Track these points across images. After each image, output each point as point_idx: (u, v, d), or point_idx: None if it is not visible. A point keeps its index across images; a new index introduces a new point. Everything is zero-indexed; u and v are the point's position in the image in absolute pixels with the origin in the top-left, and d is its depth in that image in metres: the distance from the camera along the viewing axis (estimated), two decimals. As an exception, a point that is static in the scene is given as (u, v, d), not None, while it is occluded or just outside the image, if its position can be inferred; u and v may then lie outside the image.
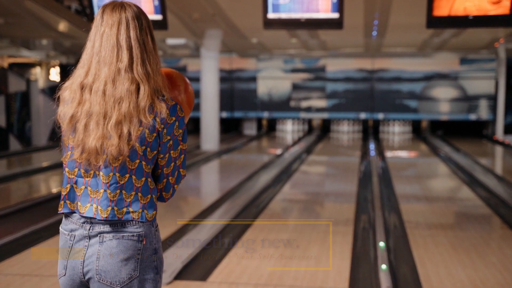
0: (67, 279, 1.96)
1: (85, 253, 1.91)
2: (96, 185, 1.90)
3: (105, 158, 1.84)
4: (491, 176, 10.19)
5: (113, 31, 1.85)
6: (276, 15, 6.05)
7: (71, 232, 1.94)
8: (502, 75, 17.59)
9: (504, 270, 4.93)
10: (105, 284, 1.89)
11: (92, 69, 1.86)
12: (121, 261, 1.89)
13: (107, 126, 1.82)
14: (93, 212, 1.89)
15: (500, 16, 5.77)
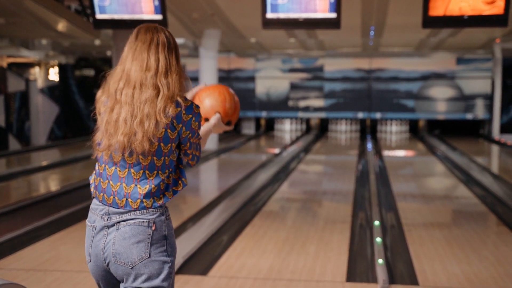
0: (93, 264, 2.23)
1: (105, 241, 2.17)
2: (117, 177, 2.18)
3: (135, 157, 2.14)
4: (487, 174, 10.29)
5: (145, 47, 2.15)
6: (274, 15, 6.14)
7: (93, 223, 2.22)
8: (498, 74, 17.70)
9: (498, 265, 5.03)
10: (119, 264, 2.15)
11: (123, 77, 2.17)
12: (132, 244, 2.14)
13: (133, 123, 2.11)
14: (122, 203, 2.17)
15: (494, 16, 5.87)
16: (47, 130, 17.27)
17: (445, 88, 18.27)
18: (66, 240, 5.80)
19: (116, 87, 2.19)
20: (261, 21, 6.21)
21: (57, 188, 9.04)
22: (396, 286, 4.47)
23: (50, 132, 17.44)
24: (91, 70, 19.03)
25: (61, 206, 7.38)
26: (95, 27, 6.88)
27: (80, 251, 5.37)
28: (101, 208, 2.20)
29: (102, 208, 2.20)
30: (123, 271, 2.16)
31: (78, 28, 10.08)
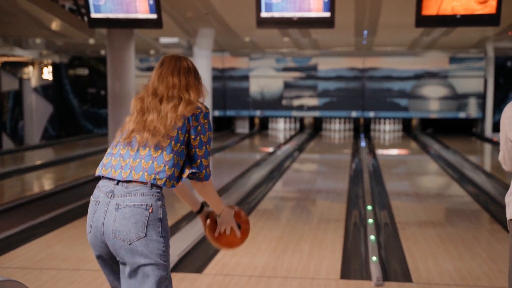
0: (92, 235, 2.53)
1: (104, 216, 2.47)
2: (128, 155, 2.54)
3: (148, 149, 2.52)
4: (480, 173, 10.35)
5: (169, 72, 2.64)
6: (269, 14, 6.17)
7: (97, 198, 2.53)
8: (491, 73, 17.79)
9: (491, 262, 5.08)
10: (118, 240, 2.44)
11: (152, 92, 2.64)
12: (131, 224, 2.43)
13: (157, 124, 2.53)
14: (126, 174, 2.50)
15: (486, 15, 5.92)
16: (41, 129, 17.24)
17: (438, 87, 18.35)
18: (61, 238, 5.81)
19: (147, 98, 2.65)
20: (255, 20, 6.24)
21: (51, 187, 9.04)
22: (389, 283, 4.51)
23: (44, 131, 17.42)
24: (85, 69, 19.01)
25: (55, 205, 7.39)
26: (90, 26, 6.90)
27: (75, 249, 5.40)
28: (108, 185, 2.51)
29: (108, 186, 2.51)
30: (120, 247, 2.43)
31: (72, 27, 10.08)
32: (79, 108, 19.36)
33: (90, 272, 4.75)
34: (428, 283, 4.54)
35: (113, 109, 9.37)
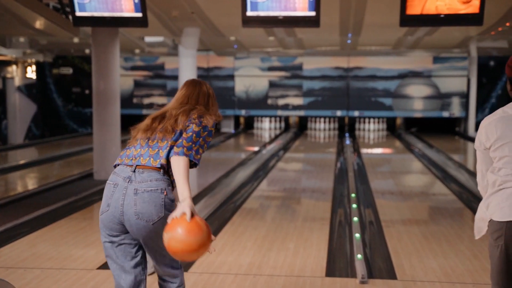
0: (109, 214, 2.90)
1: (123, 199, 2.86)
2: (147, 146, 2.96)
3: (160, 141, 2.94)
4: (463, 171, 10.44)
5: (190, 91, 3.13)
6: (254, 13, 6.18)
7: (115, 182, 2.91)
8: (474, 73, 17.94)
9: (474, 259, 5.13)
10: (142, 221, 2.84)
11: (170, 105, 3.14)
12: (152, 206, 2.85)
13: (171, 119, 3.00)
14: (145, 161, 2.91)
15: (470, 15, 5.98)
16: (25, 128, 17.11)
17: (422, 87, 18.47)
18: (46, 238, 5.78)
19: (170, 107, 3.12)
20: (241, 19, 6.25)
21: (35, 186, 8.99)
22: (374, 281, 4.54)
23: (28, 130, 17.29)
24: (69, 69, 18.89)
25: (39, 204, 7.34)
26: (75, 24, 6.86)
27: (59, 248, 5.37)
28: (125, 171, 2.91)
29: (126, 172, 2.91)
30: (144, 227, 2.85)
31: (56, 26, 10.01)
32: (63, 108, 19.24)
33: (75, 271, 4.74)
34: (412, 280, 4.58)
35: (97, 108, 9.32)
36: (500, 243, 2.70)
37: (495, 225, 2.72)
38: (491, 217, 2.74)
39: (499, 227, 2.70)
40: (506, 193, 2.70)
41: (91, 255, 5.19)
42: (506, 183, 2.70)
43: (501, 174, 2.73)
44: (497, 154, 2.76)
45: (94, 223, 6.71)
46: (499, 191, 2.73)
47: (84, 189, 8.42)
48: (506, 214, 2.67)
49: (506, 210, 2.68)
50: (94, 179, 9.36)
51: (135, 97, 19.25)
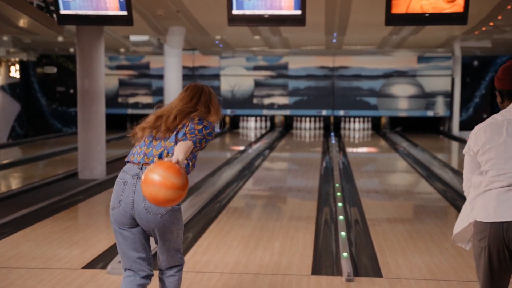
0: (121, 210, 3.12)
1: (133, 195, 3.08)
2: (151, 145, 3.15)
3: (163, 139, 3.14)
4: (448, 170, 10.51)
5: (193, 92, 3.29)
6: (240, 12, 6.17)
7: (124, 180, 3.13)
8: (458, 72, 18.08)
9: (459, 256, 5.17)
10: (151, 214, 3.07)
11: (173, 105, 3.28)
12: None
13: (175, 120, 3.17)
14: (150, 159, 3.11)
15: (454, 14, 6.01)
16: (8, 128, 16.96)
17: (406, 86, 18.57)
18: (30, 237, 5.73)
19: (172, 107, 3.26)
20: (226, 18, 6.24)
21: (19, 186, 8.91)
22: (360, 279, 4.56)
23: (11, 130, 17.14)
24: (53, 68, 18.75)
25: (23, 204, 7.28)
26: (59, 22, 6.80)
27: (43, 248, 5.33)
28: (133, 169, 3.13)
29: (134, 169, 3.12)
30: (153, 219, 3.08)
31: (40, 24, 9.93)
32: (47, 107, 19.11)
33: (59, 270, 4.70)
34: (398, 278, 4.60)
35: (82, 107, 9.26)
36: (484, 244, 2.71)
37: (479, 226, 2.74)
38: (476, 218, 2.75)
39: (483, 228, 2.71)
40: (493, 194, 2.71)
41: (75, 255, 5.15)
42: (493, 183, 2.72)
43: (488, 175, 2.76)
44: (484, 158, 2.81)
45: (79, 222, 6.67)
46: (486, 192, 2.74)
47: (68, 188, 8.37)
48: (490, 215, 2.69)
49: (490, 212, 2.69)
50: (78, 178, 9.30)
51: (120, 96, 19.16)
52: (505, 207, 2.66)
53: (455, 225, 2.93)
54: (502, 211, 2.66)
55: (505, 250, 2.68)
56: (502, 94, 2.92)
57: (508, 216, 2.65)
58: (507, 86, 2.88)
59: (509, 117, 2.82)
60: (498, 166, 2.74)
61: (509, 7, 8.86)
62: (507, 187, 2.69)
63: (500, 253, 2.69)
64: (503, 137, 2.77)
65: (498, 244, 2.67)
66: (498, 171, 2.73)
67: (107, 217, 7.05)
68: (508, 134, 2.77)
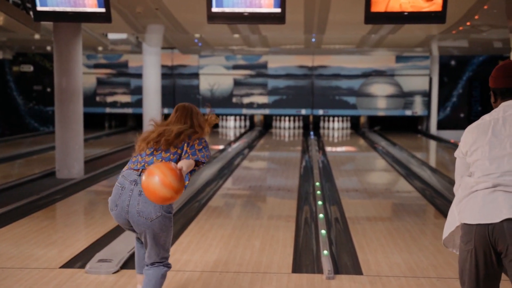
0: (117, 212, 3.47)
1: (129, 200, 3.40)
2: (151, 155, 3.54)
3: (164, 149, 3.55)
4: (426, 168, 10.59)
5: (184, 113, 3.76)
6: (219, 9, 6.14)
7: (122, 185, 3.47)
8: (436, 72, 18.24)
9: (438, 253, 5.20)
10: (142, 218, 3.40)
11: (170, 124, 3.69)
12: (152, 206, 3.38)
13: (178, 138, 3.60)
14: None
15: (433, 13, 6.05)
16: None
17: (385, 85, 18.68)
18: (6, 237, 5.64)
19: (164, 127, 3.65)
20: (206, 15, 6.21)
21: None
22: (340, 276, 4.56)
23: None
24: (30, 66, 18.52)
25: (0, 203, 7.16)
26: (36, 19, 6.71)
27: (21, 247, 5.25)
28: (132, 175, 3.46)
29: (132, 175, 3.46)
30: (143, 223, 3.40)
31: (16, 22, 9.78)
32: (24, 106, 18.88)
33: (37, 270, 4.63)
34: (378, 275, 4.61)
35: (59, 106, 9.15)
36: (470, 248, 2.65)
37: (465, 228, 2.69)
38: (461, 221, 2.71)
39: (469, 231, 2.66)
40: (478, 196, 2.67)
41: (53, 254, 5.08)
42: (478, 185, 2.69)
43: (474, 177, 2.73)
44: (471, 159, 2.79)
45: (56, 222, 6.59)
46: (471, 193, 2.71)
47: (46, 188, 8.26)
48: (476, 217, 2.63)
49: (476, 214, 2.64)
50: (56, 177, 9.19)
51: (98, 95, 18.99)
52: (490, 209, 2.61)
53: (444, 229, 2.89)
54: (487, 213, 2.61)
55: (492, 253, 2.62)
56: (495, 93, 2.87)
57: (493, 218, 2.59)
58: (500, 84, 2.83)
59: (496, 117, 2.78)
60: (483, 167, 2.70)
61: (485, 7, 8.94)
62: (492, 188, 2.64)
63: (487, 257, 2.62)
64: (488, 137, 2.73)
65: (484, 246, 2.62)
66: (483, 172, 2.69)
67: (85, 217, 6.98)
68: (493, 134, 2.73)
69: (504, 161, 2.67)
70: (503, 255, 2.60)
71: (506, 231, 2.56)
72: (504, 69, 2.84)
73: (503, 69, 2.84)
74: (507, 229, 2.56)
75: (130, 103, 18.97)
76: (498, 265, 2.64)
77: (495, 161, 2.69)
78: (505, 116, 2.76)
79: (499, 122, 2.76)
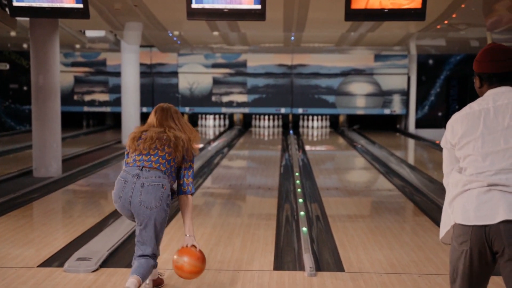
0: (121, 204, 3.81)
1: (132, 192, 3.76)
2: (148, 154, 3.88)
3: (158, 154, 3.88)
4: (405, 166, 10.64)
5: (165, 115, 3.99)
6: (199, 6, 6.09)
7: (125, 179, 3.80)
8: (414, 71, 18.36)
9: (418, 250, 5.21)
10: (143, 207, 3.75)
11: (153, 122, 4.02)
12: (152, 197, 3.76)
13: (165, 140, 3.95)
14: (149, 164, 3.85)
15: (413, 10, 6.06)
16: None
17: (364, 84, 18.75)
18: (-18, 237, 5.53)
19: (153, 128, 3.97)
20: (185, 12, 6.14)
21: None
22: (322, 273, 4.54)
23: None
24: (5, 64, 18.24)
25: (-25, 203, 7.03)
26: (12, 15, 6.59)
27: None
28: (134, 170, 3.80)
29: (135, 171, 3.80)
30: (144, 212, 3.75)
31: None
32: (0, 104, 18.60)
33: (14, 269, 4.55)
34: (359, 272, 4.60)
35: (36, 104, 9.02)
36: (465, 248, 2.55)
37: (460, 229, 2.58)
38: (456, 221, 2.59)
39: (464, 232, 2.55)
40: (472, 195, 2.56)
41: (31, 253, 4.99)
42: (472, 183, 2.57)
43: (467, 173, 2.60)
44: (462, 153, 2.65)
45: (34, 221, 6.48)
46: (464, 192, 2.59)
47: (23, 186, 8.13)
48: (471, 217, 2.52)
49: (471, 214, 2.53)
50: (33, 176, 9.06)
51: (76, 94, 18.79)
52: (486, 209, 2.50)
53: (440, 228, 2.77)
54: (483, 214, 2.50)
55: (488, 252, 2.53)
56: (481, 78, 2.71)
57: (490, 219, 2.48)
58: (487, 69, 2.68)
59: (487, 107, 2.62)
60: (476, 164, 2.57)
61: (463, 5, 9.00)
62: (487, 187, 2.52)
63: (482, 256, 2.54)
64: (480, 129, 2.58)
65: (480, 247, 2.52)
66: (477, 169, 2.56)
67: (63, 215, 6.88)
68: (485, 126, 2.58)
69: (498, 157, 2.54)
70: (499, 255, 2.51)
71: (503, 233, 2.47)
72: (490, 52, 2.70)
73: (489, 53, 2.71)
74: (504, 231, 2.47)
75: (109, 101, 18.80)
76: (492, 263, 2.56)
77: (489, 158, 2.55)
78: (496, 107, 2.60)
79: (490, 113, 2.61)
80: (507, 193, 2.50)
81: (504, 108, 2.60)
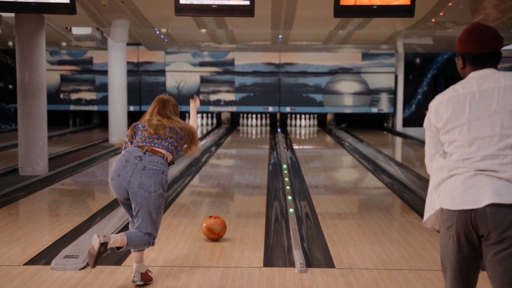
0: (117, 182, 3.92)
1: (132, 172, 3.89)
2: (151, 137, 4.09)
3: (163, 136, 4.12)
4: (393, 163, 10.66)
5: (166, 105, 4.23)
6: (187, 1, 6.04)
7: (127, 158, 3.95)
8: (401, 70, 18.41)
9: (408, 245, 5.20)
10: (142, 190, 3.88)
11: (156, 114, 4.20)
12: (152, 181, 3.91)
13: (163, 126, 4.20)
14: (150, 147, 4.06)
15: (402, 6, 6.06)
16: None
17: (351, 83, 18.77)
18: (-33, 235, 5.45)
19: (155, 116, 4.19)
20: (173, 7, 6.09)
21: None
22: (313, 270, 4.51)
23: None
24: (-10, 62, 18.07)
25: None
26: (-3, 11, 6.52)
27: (-17, 246, 5.07)
28: (137, 152, 3.96)
29: (138, 152, 3.96)
30: (142, 194, 3.88)
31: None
32: (-15, 103, 18.41)
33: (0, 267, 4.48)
34: (350, 268, 4.58)
35: (22, 102, 8.91)
36: (452, 233, 2.55)
37: (446, 214, 2.57)
38: (442, 206, 2.58)
39: (450, 216, 2.54)
40: (458, 180, 2.54)
41: (17, 251, 4.92)
42: (458, 169, 2.55)
43: (452, 159, 2.58)
44: (447, 138, 2.62)
45: (19, 219, 6.40)
46: (451, 177, 2.57)
47: (8, 185, 8.04)
48: (457, 202, 2.51)
49: (457, 198, 2.52)
50: (19, 174, 8.96)
51: (62, 92, 18.64)
52: (472, 194, 2.49)
53: (424, 211, 2.75)
54: (469, 198, 2.49)
55: (474, 236, 2.52)
56: (464, 58, 2.66)
57: (475, 203, 2.47)
58: (471, 49, 2.63)
59: (471, 91, 2.57)
60: (462, 150, 2.56)
61: (450, 4, 9.01)
62: (473, 171, 2.51)
63: (469, 241, 2.53)
64: (466, 115, 2.55)
65: (466, 231, 2.51)
66: (463, 155, 2.55)
67: (49, 213, 6.79)
68: (471, 112, 2.54)
69: (484, 143, 2.53)
70: (484, 238, 2.50)
71: (488, 216, 2.46)
72: (474, 32, 2.65)
73: (473, 32, 2.65)
74: (490, 214, 2.46)
75: (95, 100, 18.67)
76: (480, 248, 2.55)
77: (475, 144, 2.54)
78: (481, 91, 2.56)
79: (475, 97, 2.57)
80: (494, 178, 2.48)
81: (489, 92, 2.55)
